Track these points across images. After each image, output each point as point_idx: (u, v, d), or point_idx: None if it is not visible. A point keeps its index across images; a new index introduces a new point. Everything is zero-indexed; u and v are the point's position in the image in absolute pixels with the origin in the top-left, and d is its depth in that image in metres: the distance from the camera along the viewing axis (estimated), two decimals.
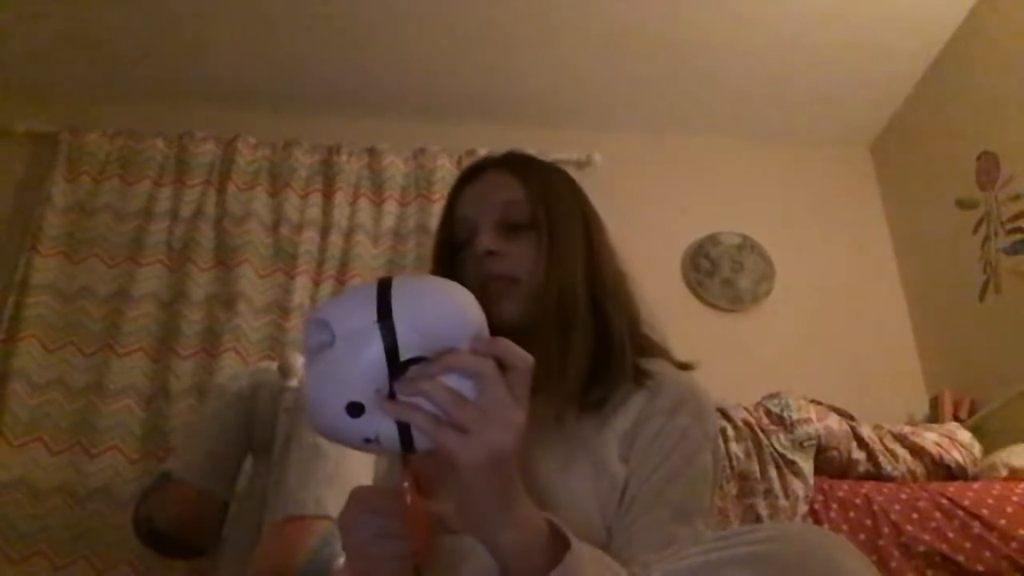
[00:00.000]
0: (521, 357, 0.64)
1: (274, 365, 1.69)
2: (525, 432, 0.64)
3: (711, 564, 0.58)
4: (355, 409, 0.59)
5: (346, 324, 0.60)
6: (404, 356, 0.59)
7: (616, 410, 0.89)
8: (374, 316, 0.59)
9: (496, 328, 0.93)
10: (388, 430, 0.60)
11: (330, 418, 0.60)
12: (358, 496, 0.71)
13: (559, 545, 0.66)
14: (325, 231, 2.47)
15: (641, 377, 0.92)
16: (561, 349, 0.88)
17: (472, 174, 1.02)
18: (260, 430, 1.62)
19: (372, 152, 2.61)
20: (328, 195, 2.53)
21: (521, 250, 0.94)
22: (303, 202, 2.52)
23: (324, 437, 0.64)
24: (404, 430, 0.60)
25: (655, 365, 0.94)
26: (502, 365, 0.63)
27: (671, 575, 0.60)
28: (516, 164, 1.02)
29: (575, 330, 0.89)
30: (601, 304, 0.94)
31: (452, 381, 0.60)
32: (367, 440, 0.60)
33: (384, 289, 0.60)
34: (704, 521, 0.84)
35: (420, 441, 0.60)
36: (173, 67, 2.61)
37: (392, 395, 0.60)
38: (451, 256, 0.99)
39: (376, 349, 0.58)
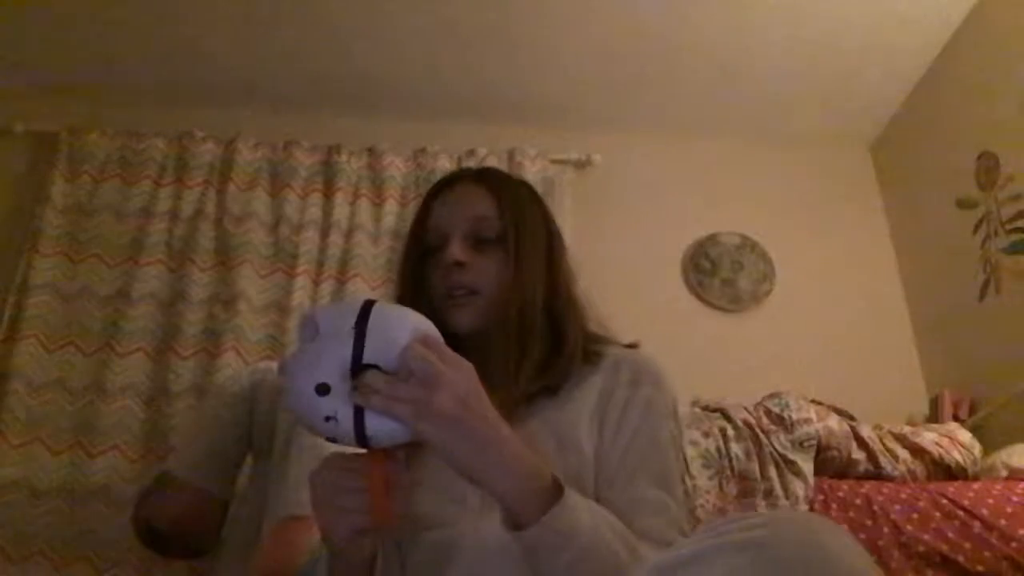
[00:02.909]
0: (436, 337, 0.74)
1: (274, 365, 1.69)
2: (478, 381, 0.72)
3: (706, 551, 0.59)
4: (322, 389, 0.71)
5: (330, 324, 0.74)
6: (366, 359, 0.71)
7: (576, 390, 0.96)
8: (353, 323, 0.73)
9: (455, 334, 0.98)
10: (346, 412, 0.71)
11: (302, 395, 0.72)
12: (328, 457, 0.78)
13: (557, 492, 0.72)
14: (325, 231, 2.47)
15: (594, 358, 0.99)
16: (518, 357, 0.96)
17: (447, 184, 1.09)
18: (260, 430, 1.62)
19: (372, 152, 2.60)
20: (328, 195, 2.53)
21: (487, 264, 1.01)
22: (303, 202, 2.52)
23: (293, 414, 0.76)
24: (359, 416, 0.71)
25: (606, 348, 1.02)
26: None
27: (666, 564, 0.61)
28: (490, 180, 1.08)
29: (531, 341, 0.97)
30: (557, 314, 1.01)
31: None
32: (327, 418, 0.71)
33: (367, 307, 0.74)
34: (680, 486, 0.93)
35: (373, 425, 0.71)
36: (173, 67, 2.61)
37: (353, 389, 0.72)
38: (419, 259, 1.06)
39: (347, 346, 0.72)
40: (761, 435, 1.83)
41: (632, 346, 1.04)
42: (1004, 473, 1.86)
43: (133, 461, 2.14)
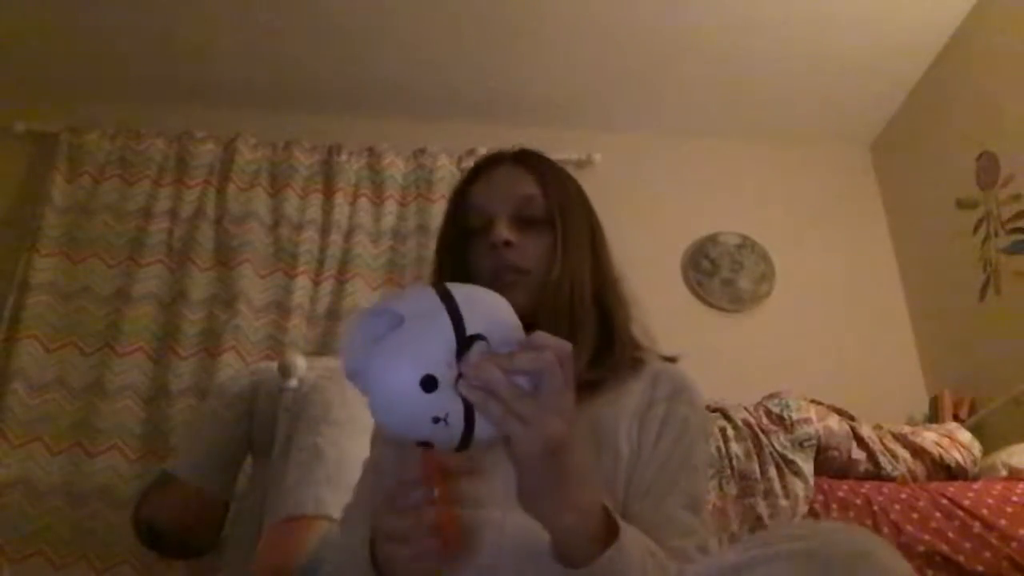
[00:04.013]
0: (564, 346, 0.67)
1: (274, 365, 1.69)
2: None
3: (751, 561, 0.60)
4: (430, 383, 0.60)
5: (412, 306, 0.64)
6: (469, 331, 0.62)
7: (619, 391, 0.94)
8: (438, 298, 0.64)
9: None
10: (456, 411, 0.62)
11: (403, 396, 0.61)
12: (386, 498, 0.72)
13: (610, 530, 0.70)
14: (325, 231, 2.47)
15: (636, 364, 0.97)
16: (569, 341, 0.90)
17: (488, 166, 1.05)
18: (260, 430, 1.62)
19: (372, 152, 2.61)
20: (328, 195, 2.53)
21: (534, 244, 0.97)
22: (303, 202, 2.52)
23: (389, 426, 0.65)
24: (468, 415, 0.62)
25: (645, 355, 0.99)
26: None
27: (712, 571, 0.62)
28: (532, 161, 1.05)
29: (582, 324, 0.94)
30: (604, 301, 0.98)
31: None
32: (436, 419, 0.61)
33: (440, 283, 0.66)
34: (706, 509, 0.91)
35: (481, 429, 0.63)
36: (173, 67, 2.61)
37: (459, 376, 0.62)
38: (460, 241, 1.01)
39: (444, 321, 0.62)
40: (761, 435, 1.83)
41: (671, 359, 1.02)
42: (1004, 473, 1.86)
43: (133, 461, 2.14)
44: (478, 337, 0.63)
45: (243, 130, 2.59)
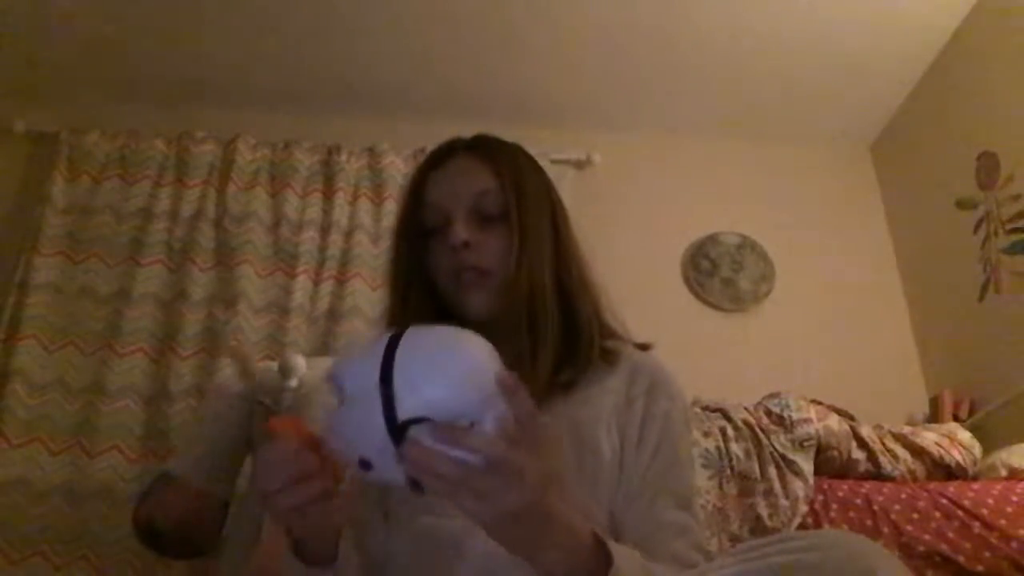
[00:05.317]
0: (528, 411, 0.62)
1: (274, 365, 1.69)
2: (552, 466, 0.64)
3: (750, 573, 0.59)
4: (365, 464, 0.61)
5: (352, 384, 0.62)
6: (402, 418, 0.59)
7: (592, 389, 0.92)
8: (376, 377, 0.59)
9: (467, 318, 0.93)
10: (400, 479, 0.61)
11: (348, 463, 0.64)
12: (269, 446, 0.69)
13: (602, 559, 0.67)
14: (325, 231, 2.47)
15: (610, 357, 0.94)
16: (531, 340, 0.90)
17: (442, 158, 1.02)
18: (260, 430, 1.62)
19: (372, 152, 2.60)
20: (328, 195, 2.53)
21: (494, 242, 0.94)
22: (303, 202, 2.52)
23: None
24: (414, 481, 0.61)
25: (619, 346, 0.97)
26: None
27: None
28: (486, 150, 1.01)
29: (544, 321, 0.91)
30: (568, 292, 0.96)
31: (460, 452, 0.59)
32: (380, 482, 0.65)
33: (391, 347, 0.61)
34: (696, 504, 0.90)
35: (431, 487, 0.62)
36: (173, 67, 2.61)
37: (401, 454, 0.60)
38: (418, 239, 0.98)
39: (375, 412, 0.59)
40: (761, 435, 1.83)
41: (645, 347, 1.00)
42: (1004, 473, 1.86)
43: (133, 461, 2.14)
44: (414, 421, 0.58)
45: (243, 130, 2.59)
